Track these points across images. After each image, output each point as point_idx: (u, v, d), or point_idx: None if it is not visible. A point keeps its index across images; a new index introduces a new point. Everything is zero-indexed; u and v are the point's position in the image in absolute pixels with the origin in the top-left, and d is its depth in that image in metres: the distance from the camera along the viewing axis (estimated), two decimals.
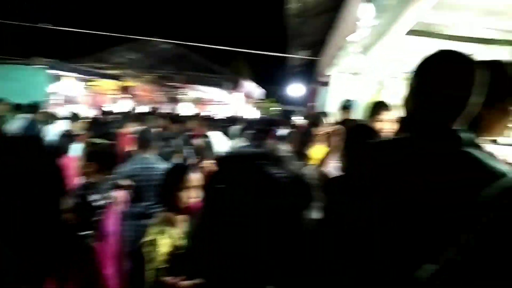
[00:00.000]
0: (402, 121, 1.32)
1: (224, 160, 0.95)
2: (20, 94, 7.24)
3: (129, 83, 13.59)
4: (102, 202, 2.87)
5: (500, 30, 3.02)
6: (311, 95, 12.08)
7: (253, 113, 26.85)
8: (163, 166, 3.64)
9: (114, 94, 12.47)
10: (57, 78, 9.34)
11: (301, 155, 3.81)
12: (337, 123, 3.29)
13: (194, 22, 35.41)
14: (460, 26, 3.07)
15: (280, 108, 33.99)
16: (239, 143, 7.81)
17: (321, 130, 3.75)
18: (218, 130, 7.21)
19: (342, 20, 8.39)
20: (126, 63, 18.11)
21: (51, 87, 8.78)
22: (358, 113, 4.01)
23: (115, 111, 9.75)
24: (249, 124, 12.46)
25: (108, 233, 2.93)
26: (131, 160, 3.83)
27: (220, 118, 13.72)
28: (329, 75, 8.12)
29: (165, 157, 4.35)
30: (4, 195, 1.10)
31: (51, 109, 8.20)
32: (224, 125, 9.08)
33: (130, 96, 13.54)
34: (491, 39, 3.12)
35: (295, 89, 26.49)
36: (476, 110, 1.20)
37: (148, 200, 3.48)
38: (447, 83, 1.19)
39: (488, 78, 1.19)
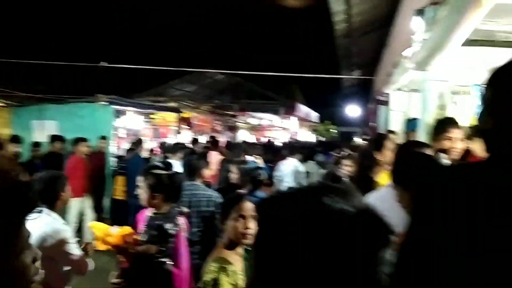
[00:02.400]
0: (485, 143, 1.03)
1: (277, 200, 0.82)
2: (88, 129, 7.69)
3: (188, 114, 14.07)
4: (174, 230, 2.95)
5: None
6: (370, 115, 11.75)
7: (309, 137, 26.69)
8: (209, 193, 3.77)
9: (174, 126, 12.93)
10: (120, 113, 9.85)
11: (363, 180, 3.45)
12: (399, 146, 3.02)
13: (246, 51, 36.40)
14: None
15: (336, 130, 33.52)
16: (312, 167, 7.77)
17: (386, 152, 3.43)
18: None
19: (395, 36, 8.19)
20: (184, 95, 18.90)
21: (115, 122, 9.26)
22: (422, 132, 3.78)
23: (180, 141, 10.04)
24: (310, 147, 12.39)
25: (182, 258, 3.04)
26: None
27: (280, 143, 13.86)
28: (387, 94, 7.85)
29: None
30: None
31: (116, 142, 8.79)
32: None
33: (189, 126, 14.00)
34: None
35: (351, 110, 26.01)
36: None
37: (196, 226, 3.61)
38: None
39: None
